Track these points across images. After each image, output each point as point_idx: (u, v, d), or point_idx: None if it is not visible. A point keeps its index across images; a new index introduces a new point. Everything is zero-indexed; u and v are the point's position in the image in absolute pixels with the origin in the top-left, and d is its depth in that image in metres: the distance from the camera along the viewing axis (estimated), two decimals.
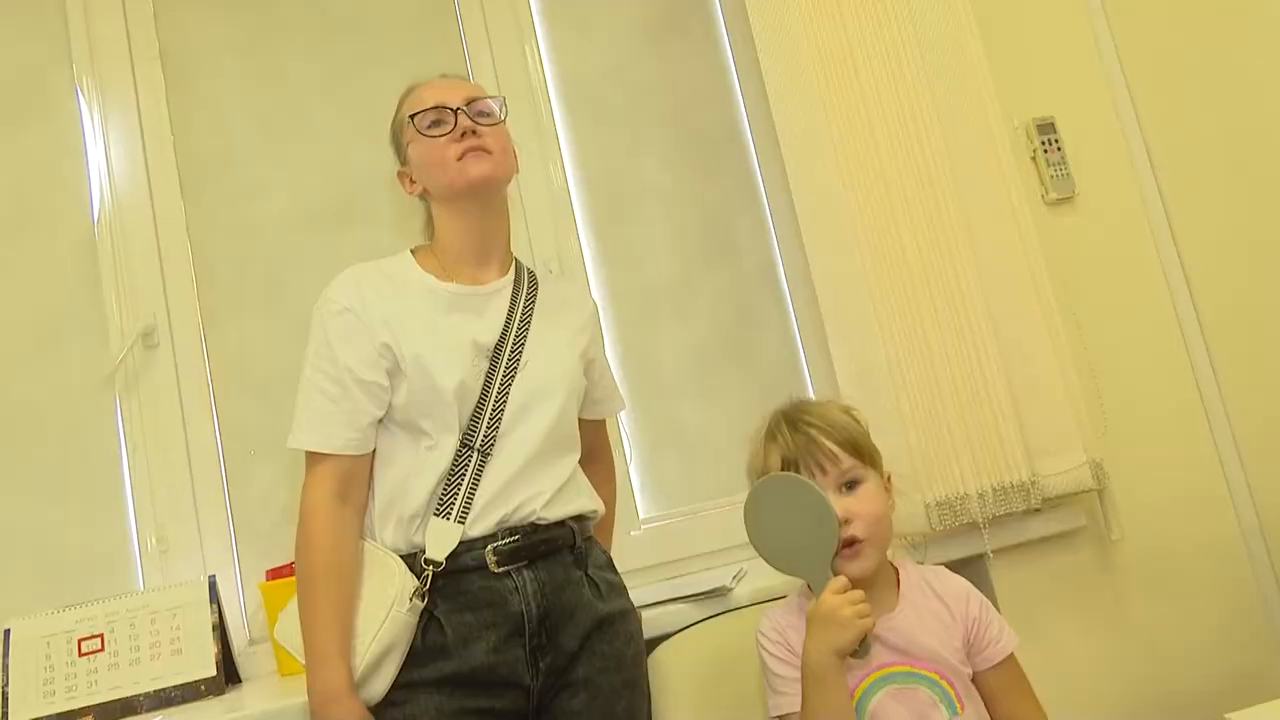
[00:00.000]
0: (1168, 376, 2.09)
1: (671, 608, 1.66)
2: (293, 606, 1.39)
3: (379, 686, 1.31)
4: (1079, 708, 1.85)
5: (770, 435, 1.34)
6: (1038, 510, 1.83)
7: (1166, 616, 1.96)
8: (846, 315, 1.84)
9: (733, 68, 2.35)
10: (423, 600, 1.33)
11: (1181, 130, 2.11)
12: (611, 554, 1.70)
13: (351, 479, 1.39)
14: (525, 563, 1.37)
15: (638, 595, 1.66)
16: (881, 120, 1.89)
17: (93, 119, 2.03)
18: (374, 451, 1.42)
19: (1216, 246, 2.07)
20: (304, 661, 1.32)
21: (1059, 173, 2.09)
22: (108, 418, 1.93)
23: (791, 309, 2.26)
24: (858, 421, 1.36)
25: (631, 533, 2.08)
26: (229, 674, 1.77)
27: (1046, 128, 2.11)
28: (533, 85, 2.25)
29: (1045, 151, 2.09)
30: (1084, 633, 1.91)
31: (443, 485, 1.37)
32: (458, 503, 1.36)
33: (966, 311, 1.83)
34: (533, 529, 1.39)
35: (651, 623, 1.60)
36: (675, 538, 2.10)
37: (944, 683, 1.29)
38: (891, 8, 1.92)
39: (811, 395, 2.19)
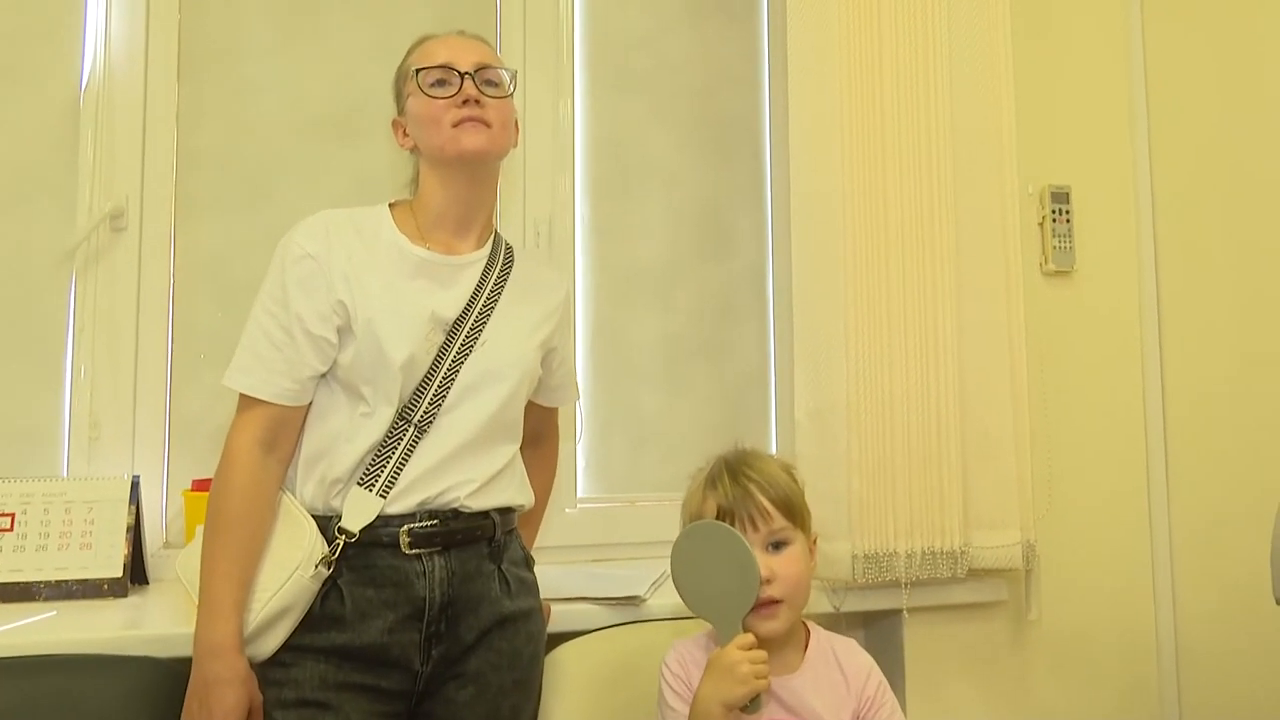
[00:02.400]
0: (1121, 469, 2.10)
1: (582, 605, 1.65)
2: (199, 544, 1.36)
3: (268, 645, 1.30)
4: None
5: (710, 482, 1.34)
6: (964, 578, 1.84)
7: (1067, 700, 2.00)
8: (818, 347, 1.82)
9: (765, 58, 2.29)
10: (329, 568, 1.31)
11: (1195, 229, 2.10)
12: (541, 527, 1.71)
13: (282, 429, 1.35)
14: (439, 549, 1.35)
15: (553, 580, 1.66)
16: (896, 158, 1.85)
17: None
18: (310, 404, 1.38)
19: (1201, 353, 2.07)
20: (197, 603, 1.31)
21: (1063, 244, 2.06)
22: (60, 293, 1.88)
23: (772, 321, 2.23)
24: (795, 481, 1.36)
25: (566, 510, 2.08)
26: (136, 575, 1.76)
27: (1061, 196, 2.07)
28: (560, 35, 2.17)
29: (1054, 220, 2.06)
30: (984, 703, 1.94)
31: (372, 455, 1.34)
32: (384, 476, 1.33)
33: (938, 370, 1.82)
34: (453, 515, 1.36)
35: (560, 617, 1.60)
36: (609, 522, 2.10)
37: None
38: (932, 47, 1.87)
39: (773, 412, 2.20)
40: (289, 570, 1.28)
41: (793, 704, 1.31)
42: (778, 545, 1.31)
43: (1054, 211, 2.06)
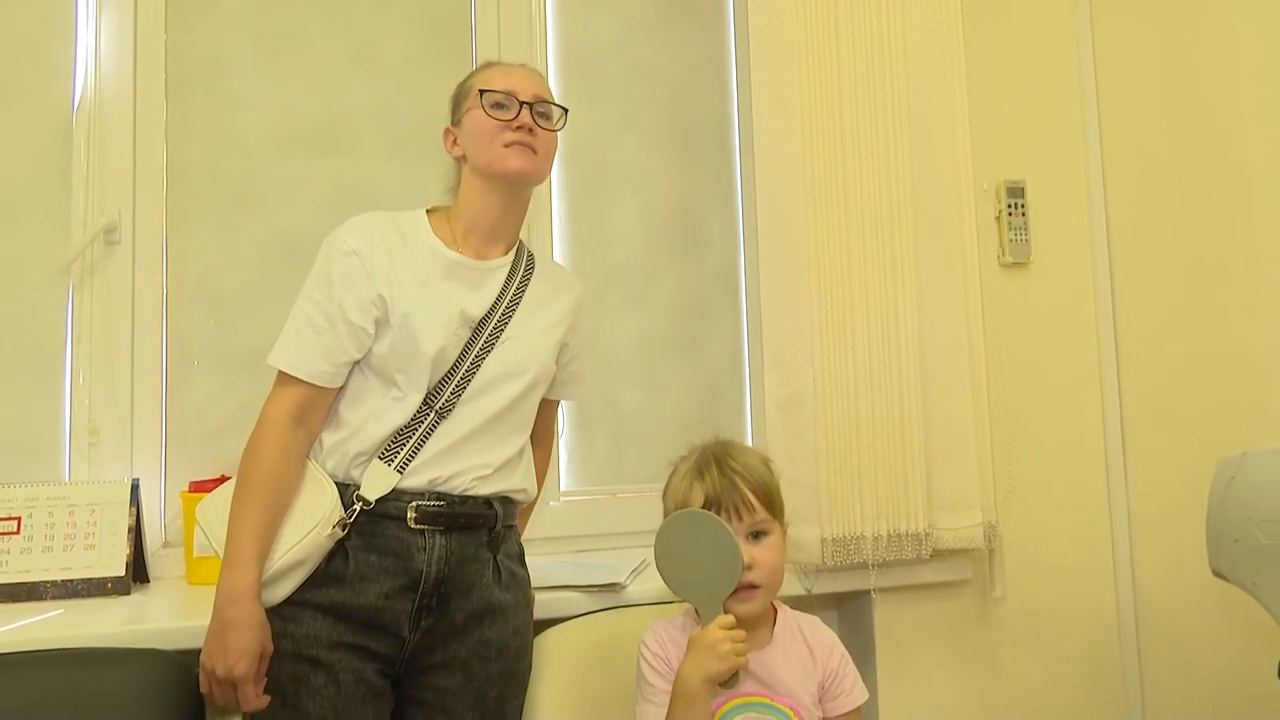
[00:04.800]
0: (1080, 452, 2.19)
1: (566, 593, 1.74)
2: (220, 494, 1.48)
3: (279, 593, 1.40)
4: None
5: (698, 472, 1.42)
6: (929, 558, 1.93)
7: (1032, 673, 2.09)
8: (785, 342, 1.90)
9: (733, 63, 2.37)
10: (343, 530, 1.42)
11: (1146, 221, 2.18)
12: (529, 520, 1.78)
13: (313, 406, 1.46)
14: (441, 529, 1.45)
15: (539, 569, 1.74)
16: (855, 160, 1.93)
17: (88, 1, 2.01)
18: (342, 387, 1.49)
19: (1154, 339, 2.16)
20: (221, 553, 1.41)
21: (1019, 237, 2.15)
22: (58, 306, 1.95)
23: (745, 316, 2.32)
24: (772, 473, 1.45)
25: (551, 503, 2.16)
26: (138, 573, 1.84)
27: (1016, 191, 2.16)
28: (534, 42, 2.25)
29: (1010, 214, 2.15)
30: (953, 676, 2.03)
31: (395, 434, 1.45)
32: (403, 453, 1.45)
33: (900, 360, 1.90)
34: (460, 500, 1.47)
35: (545, 605, 1.68)
36: (592, 514, 2.19)
37: (795, 719, 1.39)
38: (888, 53, 1.96)
39: (748, 405, 2.28)
40: (308, 527, 1.39)
41: (765, 677, 1.40)
42: (758, 535, 1.40)
43: (1010, 206, 2.15)
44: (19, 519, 1.78)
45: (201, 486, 1.88)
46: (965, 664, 2.04)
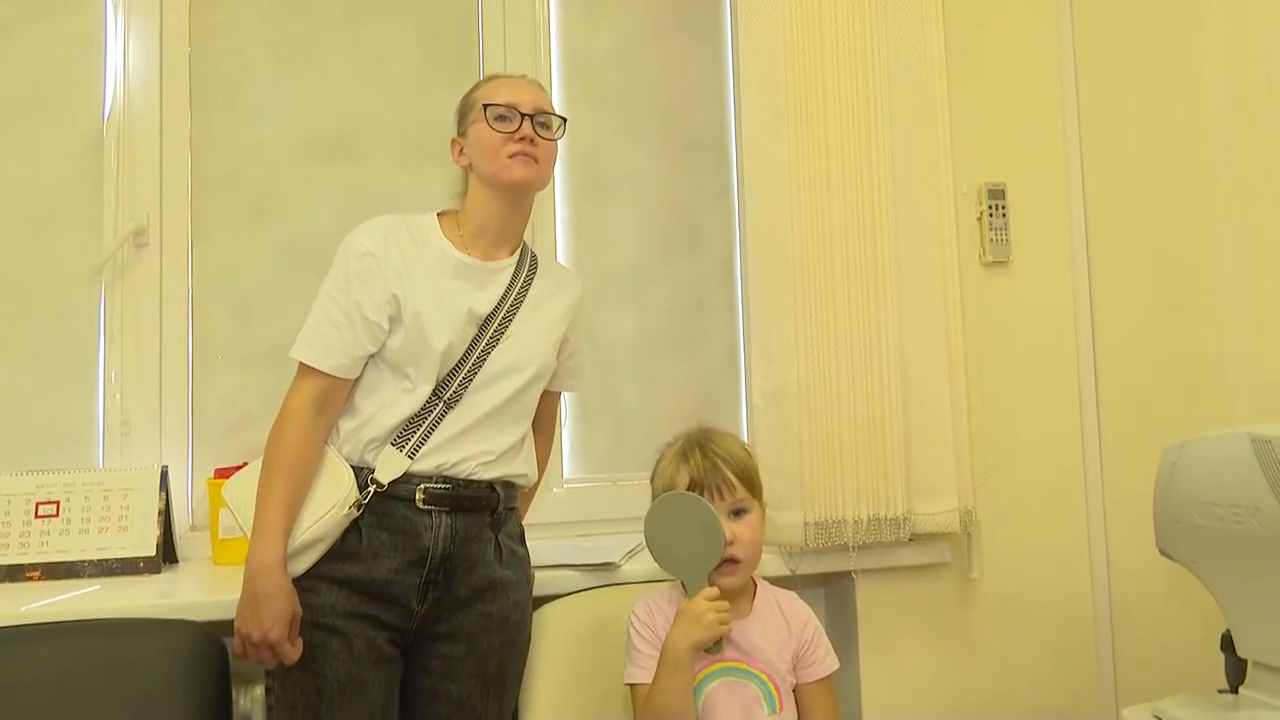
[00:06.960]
0: (1057, 443, 2.29)
1: (564, 572, 1.86)
2: (244, 475, 1.62)
3: (298, 567, 1.53)
4: (917, 713, 2.11)
5: (683, 456, 1.55)
6: (908, 542, 2.04)
7: (1008, 652, 2.19)
8: (770, 336, 2.01)
9: (730, 72, 2.48)
10: (358, 510, 1.54)
11: (1122, 223, 2.27)
12: (533, 505, 1.91)
13: (331, 395, 1.59)
14: (447, 509, 1.58)
15: (542, 551, 1.86)
16: (839, 163, 2.03)
17: (116, 19, 2.14)
18: (358, 379, 1.61)
19: (1129, 335, 2.25)
20: (246, 529, 1.54)
21: (999, 237, 2.25)
22: (91, 305, 2.09)
23: (740, 313, 2.42)
24: (750, 456, 1.58)
25: (554, 489, 2.28)
26: (167, 554, 1.97)
27: (997, 193, 2.26)
28: (537, 53, 2.36)
29: (991, 215, 2.25)
30: (932, 654, 2.14)
31: (406, 423, 1.58)
32: (413, 440, 1.57)
33: (880, 352, 2.01)
34: (465, 484, 1.59)
35: (545, 583, 1.81)
36: (592, 500, 2.31)
37: (770, 685, 1.52)
38: (871, 60, 2.06)
39: (744, 398, 2.39)
40: (327, 507, 1.52)
41: (744, 645, 1.53)
42: (738, 513, 1.53)
43: (991, 207, 2.25)
44: (58, 503, 1.92)
45: (226, 474, 1.99)
46: (944, 642, 2.15)
